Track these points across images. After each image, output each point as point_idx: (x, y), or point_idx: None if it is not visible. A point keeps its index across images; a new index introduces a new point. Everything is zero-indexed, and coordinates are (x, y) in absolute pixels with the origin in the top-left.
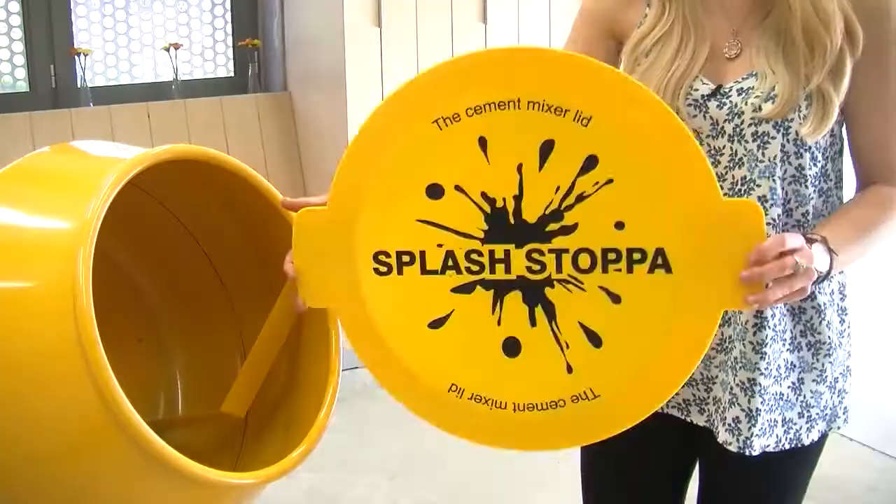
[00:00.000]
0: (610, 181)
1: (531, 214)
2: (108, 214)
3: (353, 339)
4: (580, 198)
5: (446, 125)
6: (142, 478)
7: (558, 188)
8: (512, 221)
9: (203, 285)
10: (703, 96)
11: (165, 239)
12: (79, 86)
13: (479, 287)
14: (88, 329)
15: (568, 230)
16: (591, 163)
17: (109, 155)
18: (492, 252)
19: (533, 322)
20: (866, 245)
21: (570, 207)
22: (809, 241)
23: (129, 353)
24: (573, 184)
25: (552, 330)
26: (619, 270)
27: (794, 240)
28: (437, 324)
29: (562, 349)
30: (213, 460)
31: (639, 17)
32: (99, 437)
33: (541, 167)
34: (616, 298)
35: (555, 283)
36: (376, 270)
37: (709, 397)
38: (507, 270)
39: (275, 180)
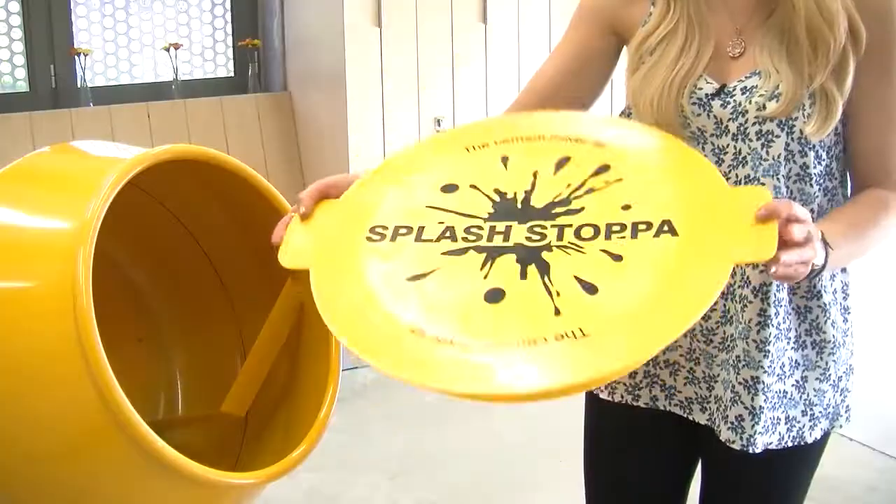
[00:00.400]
0: (620, 180)
1: (539, 202)
2: (108, 214)
3: (322, 300)
4: (589, 191)
5: (475, 150)
6: (142, 478)
7: (569, 185)
8: (519, 206)
9: (203, 285)
10: (706, 95)
11: (165, 239)
12: (79, 86)
13: (471, 251)
14: (88, 329)
15: (573, 212)
16: (602, 169)
17: (109, 155)
18: (493, 227)
19: (524, 277)
20: (860, 246)
21: (578, 197)
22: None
23: (129, 353)
24: (584, 182)
25: (543, 282)
26: (623, 238)
27: (803, 211)
28: (416, 278)
29: (551, 296)
30: (213, 460)
31: (642, 14)
32: (99, 437)
33: (555, 173)
34: (617, 258)
35: (553, 248)
36: (368, 239)
37: (710, 396)
38: (506, 240)
39: (275, 180)
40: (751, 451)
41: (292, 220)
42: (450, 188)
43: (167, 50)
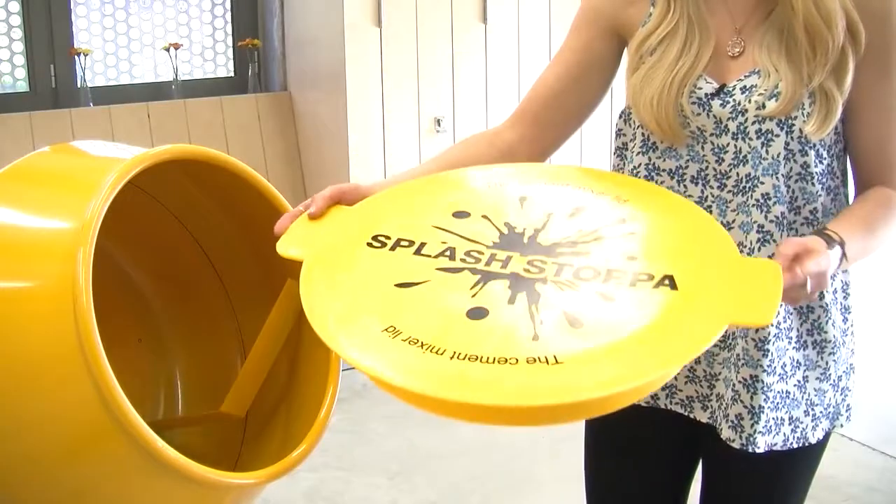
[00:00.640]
0: (632, 234)
1: (546, 240)
2: (108, 214)
3: (306, 288)
4: (598, 238)
5: (495, 187)
6: (142, 478)
7: (580, 230)
8: (525, 241)
9: (203, 285)
10: (706, 95)
11: (165, 239)
12: (79, 86)
13: (466, 271)
14: (88, 329)
15: (578, 254)
16: (618, 221)
17: (109, 155)
18: (493, 254)
19: (511, 302)
20: (872, 246)
21: (585, 242)
22: (830, 241)
23: (129, 353)
24: (596, 229)
25: (530, 310)
26: (621, 283)
27: (815, 263)
28: (405, 285)
29: (533, 322)
30: (213, 460)
31: (642, 15)
32: (99, 437)
33: (569, 217)
34: (610, 300)
35: (548, 282)
36: (368, 244)
37: (712, 394)
38: (503, 268)
39: (275, 180)
40: (751, 450)
41: (300, 216)
42: (461, 214)
43: (167, 50)
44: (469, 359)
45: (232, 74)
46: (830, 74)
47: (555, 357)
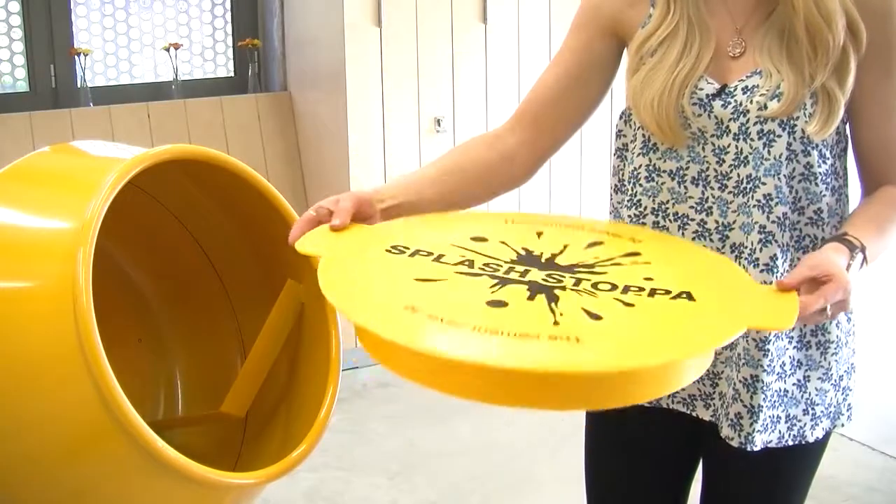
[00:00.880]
0: (648, 263)
1: (563, 262)
2: (108, 214)
3: (326, 279)
4: (615, 263)
5: (514, 222)
6: (142, 478)
7: (597, 257)
8: (543, 262)
9: (203, 285)
10: (707, 96)
11: (165, 239)
12: (79, 86)
13: (485, 276)
14: (88, 329)
15: (595, 273)
16: (633, 254)
17: (109, 155)
18: (511, 266)
19: (531, 299)
20: (883, 246)
21: (603, 266)
22: (852, 248)
23: (129, 353)
24: (612, 258)
25: (549, 307)
26: (640, 296)
27: (839, 292)
28: (424, 280)
29: (553, 314)
30: (213, 460)
31: (642, 16)
32: (99, 438)
33: (586, 247)
34: (629, 305)
35: (567, 289)
36: (388, 251)
37: (714, 392)
38: (522, 277)
39: (275, 180)
40: (749, 448)
41: (320, 225)
42: (479, 239)
43: (167, 50)
44: (490, 331)
45: (232, 74)
46: (832, 74)
47: (576, 337)
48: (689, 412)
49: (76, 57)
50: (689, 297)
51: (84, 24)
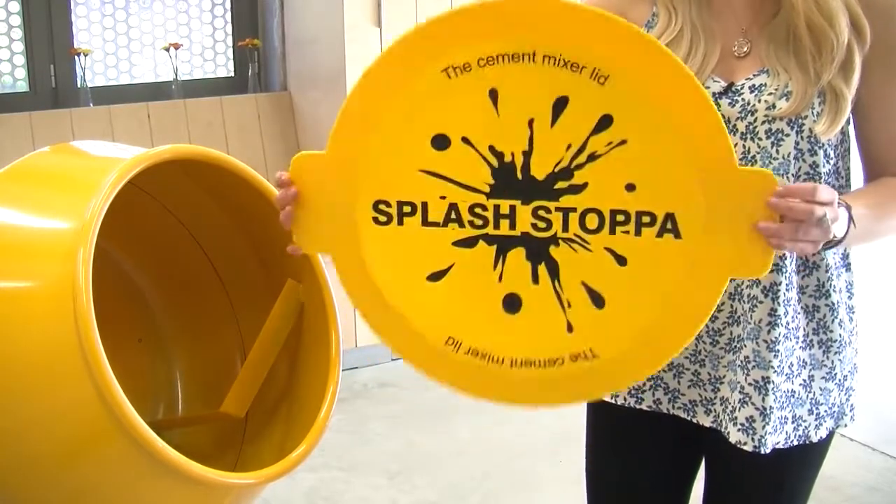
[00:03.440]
0: (623, 142)
1: (540, 171)
2: (108, 214)
3: (349, 288)
4: (592, 157)
5: (456, 75)
6: (142, 478)
7: (570, 146)
8: (519, 177)
9: (203, 285)
10: (714, 94)
11: (165, 239)
12: (79, 86)
13: (481, 241)
14: (88, 329)
15: (577, 189)
16: (605, 122)
17: (109, 155)
18: (497, 207)
19: (535, 279)
20: (880, 227)
21: (580, 166)
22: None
23: (129, 353)
24: (585, 142)
25: (554, 288)
26: (627, 233)
27: (827, 193)
28: (436, 277)
29: (563, 308)
30: (213, 460)
31: (644, 17)
32: (99, 438)
33: (553, 123)
34: (622, 260)
35: (560, 241)
36: (375, 220)
37: (716, 397)
38: (512, 226)
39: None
40: (762, 451)
41: (292, 206)
42: (441, 142)
43: (167, 50)
44: (524, 365)
45: (232, 74)
46: (839, 72)
47: (591, 350)
48: (689, 418)
49: (76, 57)
50: (675, 229)
51: (84, 24)
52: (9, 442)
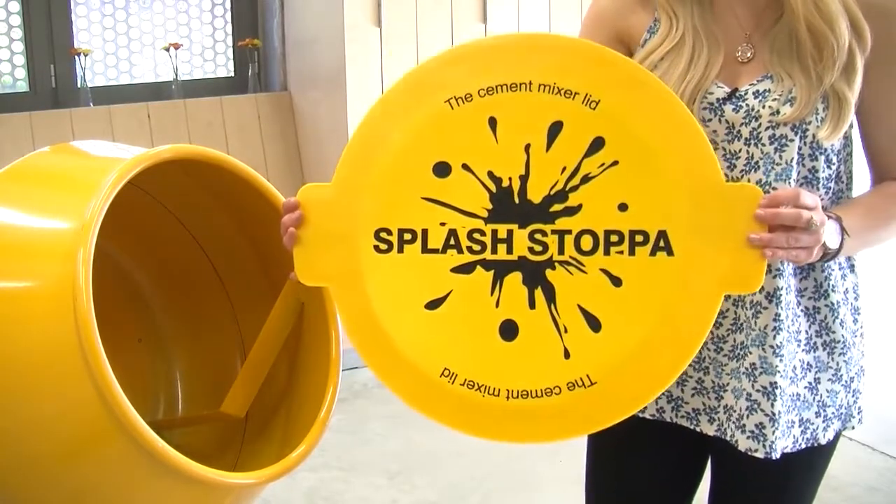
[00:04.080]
0: (615, 163)
1: (536, 194)
2: (108, 214)
3: (347, 321)
4: (585, 179)
5: (458, 104)
6: (142, 478)
7: (564, 168)
8: (517, 201)
9: (203, 285)
10: (718, 100)
11: (165, 239)
12: (79, 86)
13: (479, 267)
14: (88, 329)
15: (572, 211)
16: (597, 145)
17: (109, 155)
18: (494, 232)
19: (532, 305)
20: (878, 234)
21: (574, 188)
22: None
23: (129, 353)
24: (579, 165)
25: (551, 313)
26: (622, 253)
27: (810, 198)
28: (434, 304)
29: (560, 333)
30: (213, 460)
31: (646, 23)
32: (99, 438)
33: (548, 148)
34: (617, 281)
35: (556, 264)
36: (377, 248)
37: (720, 406)
38: (509, 251)
39: (275, 180)
40: (773, 457)
41: (296, 233)
42: (442, 169)
43: (167, 50)
44: (521, 395)
45: (232, 74)
46: (841, 75)
47: (588, 377)
48: (692, 427)
49: (76, 57)
50: (667, 246)
51: (84, 24)
52: (9, 442)
